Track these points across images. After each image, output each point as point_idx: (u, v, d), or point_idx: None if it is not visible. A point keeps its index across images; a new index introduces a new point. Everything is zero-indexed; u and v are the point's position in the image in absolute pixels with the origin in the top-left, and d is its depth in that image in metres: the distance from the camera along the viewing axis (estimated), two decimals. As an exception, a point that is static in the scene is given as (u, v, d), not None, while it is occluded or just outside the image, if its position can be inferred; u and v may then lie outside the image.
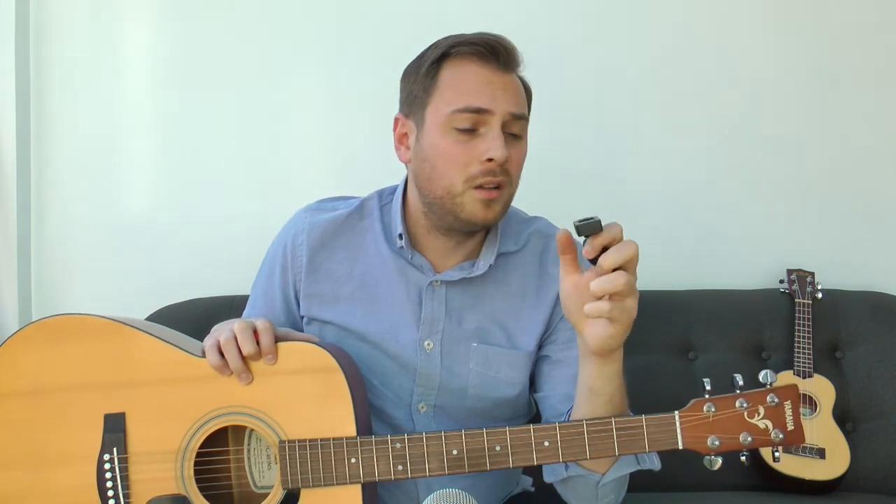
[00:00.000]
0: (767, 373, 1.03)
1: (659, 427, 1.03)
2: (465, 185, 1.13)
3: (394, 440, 1.06)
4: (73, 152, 1.96)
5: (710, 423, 1.02)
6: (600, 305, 0.97)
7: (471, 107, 1.12)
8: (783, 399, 1.02)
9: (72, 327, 1.13)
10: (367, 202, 1.29)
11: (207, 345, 1.09)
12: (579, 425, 1.03)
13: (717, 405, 1.02)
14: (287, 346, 1.10)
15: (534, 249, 1.27)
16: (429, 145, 1.15)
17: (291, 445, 1.07)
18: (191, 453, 1.10)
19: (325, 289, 1.25)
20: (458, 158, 1.13)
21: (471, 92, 1.13)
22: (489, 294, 1.24)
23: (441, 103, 1.14)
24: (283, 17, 1.95)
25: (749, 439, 1.02)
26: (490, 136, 1.12)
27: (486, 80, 1.13)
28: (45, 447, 1.11)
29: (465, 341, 1.22)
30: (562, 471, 1.14)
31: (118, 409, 1.10)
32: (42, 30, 1.95)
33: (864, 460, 1.72)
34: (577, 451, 1.03)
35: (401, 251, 1.23)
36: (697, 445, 1.02)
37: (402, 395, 1.23)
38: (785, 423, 1.02)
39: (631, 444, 1.03)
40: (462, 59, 1.14)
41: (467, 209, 1.14)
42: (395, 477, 1.06)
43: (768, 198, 1.98)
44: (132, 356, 1.11)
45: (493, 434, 1.05)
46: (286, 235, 1.29)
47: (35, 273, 1.97)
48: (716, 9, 1.96)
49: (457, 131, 1.13)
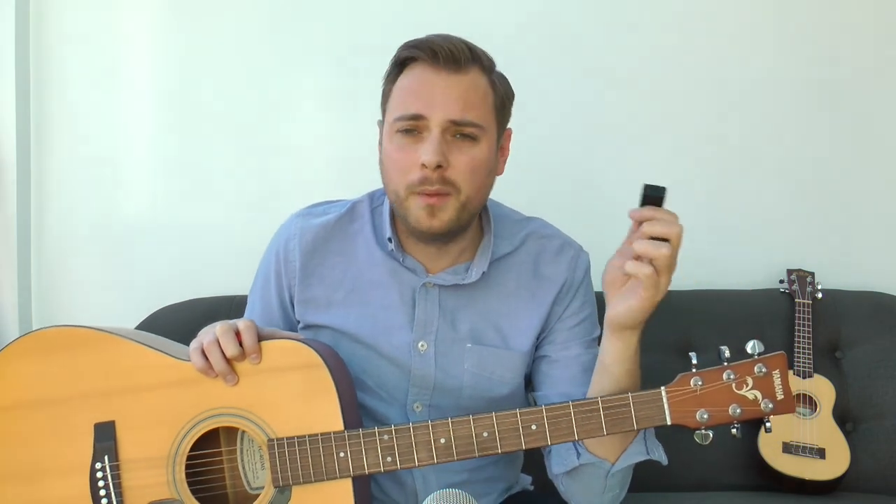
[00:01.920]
0: (755, 343, 1.03)
1: (646, 404, 1.03)
2: (407, 191, 1.14)
3: (381, 432, 1.07)
4: (73, 152, 1.96)
5: (698, 396, 1.02)
6: (642, 266, 1.01)
7: (406, 114, 1.13)
8: (771, 368, 1.02)
9: (59, 339, 1.14)
10: (358, 205, 1.29)
11: (192, 348, 1.10)
12: (565, 407, 1.04)
13: (704, 378, 1.02)
14: (270, 344, 1.10)
15: (529, 251, 1.27)
16: (383, 152, 1.19)
17: (280, 443, 1.08)
18: (181, 457, 1.10)
19: (318, 293, 1.26)
20: (400, 164, 1.14)
21: (409, 98, 1.13)
22: (483, 295, 1.24)
23: (390, 110, 1.16)
24: (284, 18, 1.95)
25: (738, 411, 1.01)
26: (425, 141, 1.12)
27: (425, 84, 1.13)
28: (39, 460, 1.11)
29: (460, 342, 1.23)
30: (574, 459, 1.14)
31: (108, 417, 1.11)
32: (42, 30, 1.95)
33: (864, 460, 1.72)
34: (565, 433, 1.04)
35: (392, 253, 1.23)
36: (686, 420, 1.02)
37: (398, 395, 1.23)
38: (774, 393, 1.01)
39: (619, 422, 1.03)
40: (414, 64, 1.15)
41: (412, 215, 1.15)
42: (385, 469, 1.06)
43: (768, 198, 1.98)
44: (120, 364, 1.12)
45: (480, 420, 1.05)
46: (278, 241, 1.29)
47: (35, 273, 1.97)
48: (716, 9, 1.96)
49: (400, 136, 1.14)
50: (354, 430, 1.07)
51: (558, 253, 1.27)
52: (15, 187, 1.92)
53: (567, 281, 1.26)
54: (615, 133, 1.97)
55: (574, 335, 1.25)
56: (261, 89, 1.96)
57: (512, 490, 1.36)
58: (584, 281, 1.28)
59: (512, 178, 1.26)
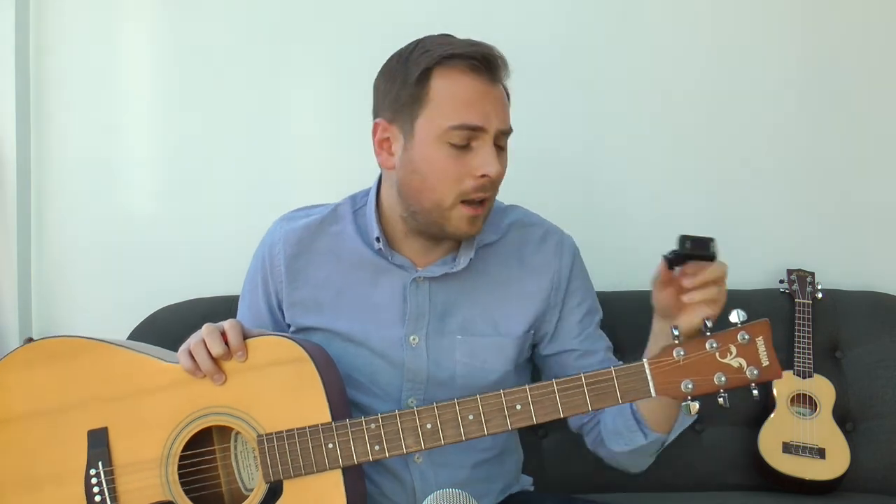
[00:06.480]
0: (737, 311, 1.02)
1: (629, 377, 1.03)
2: (455, 200, 1.15)
3: (368, 421, 1.08)
4: (73, 153, 1.96)
5: (682, 366, 1.02)
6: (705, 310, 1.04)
7: (467, 124, 1.12)
8: (754, 336, 1.01)
9: (49, 350, 1.16)
10: (340, 207, 1.31)
11: (179, 351, 1.12)
12: (549, 385, 1.05)
13: (687, 349, 1.02)
14: (255, 341, 1.12)
15: (513, 239, 1.29)
16: (420, 158, 1.15)
17: (269, 438, 1.09)
18: (173, 458, 1.11)
19: (306, 295, 1.27)
20: (452, 174, 1.14)
21: (466, 108, 1.13)
22: (472, 285, 1.25)
23: (437, 117, 1.13)
24: (283, 19, 1.95)
25: (724, 379, 1.01)
26: (483, 151, 1.13)
27: (480, 95, 1.13)
28: (35, 470, 1.13)
29: (450, 334, 1.24)
30: (640, 440, 1.18)
31: (100, 424, 1.13)
32: (42, 30, 1.95)
33: (864, 460, 1.72)
34: (550, 411, 1.05)
35: (380, 252, 1.24)
36: (671, 391, 1.02)
37: (391, 391, 1.24)
38: (759, 360, 1.01)
39: (603, 397, 1.03)
40: (454, 71, 1.13)
41: (453, 223, 1.16)
42: (374, 457, 1.08)
43: (768, 198, 1.97)
44: (110, 371, 1.14)
45: (465, 404, 1.06)
46: (264, 248, 1.31)
47: (35, 273, 1.97)
48: (717, 9, 1.96)
49: (450, 146, 1.13)
50: (342, 421, 1.08)
51: (542, 241, 1.30)
52: (15, 187, 1.91)
53: (557, 269, 1.28)
54: (615, 133, 1.97)
55: (586, 323, 1.29)
56: (261, 90, 1.96)
57: (512, 489, 1.36)
58: (574, 266, 1.30)
59: (513, 178, 1.26)
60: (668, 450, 1.22)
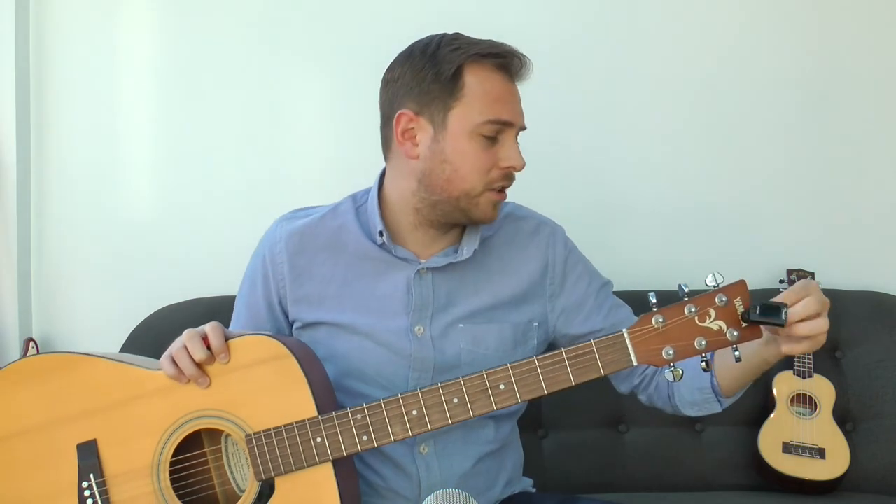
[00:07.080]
0: (714, 274, 1.02)
1: (610, 348, 1.04)
2: (484, 188, 1.21)
3: (354, 412, 1.09)
4: (73, 153, 1.96)
5: (661, 333, 1.02)
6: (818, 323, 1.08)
7: (500, 119, 1.19)
8: (732, 297, 1.01)
9: (30, 369, 1.15)
10: (341, 205, 1.32)
11: (162, 358, 1.13)
12: (531, 363, 1.06)
13: (666, 315, 1.02)
14: (237, 342, 1.12)
15: (507, 232, 1.32)
16: (452, 149, 1.19)
17: (258, 437, 1.09)
18: (164, 464, 1.12)
19: (310, 291, 1.28)
20: (483, 164, 1.20)
21: (498, 104, 1.19)
22: (471, 275, 1.28)
23: (471, 111, 1.18)
24: (284, 19, 1.95)
25: (704, 343, 1.01)
26: (508, 145, 1.21)
27: (508, 92, 1.21)
28: (27, 489, 1.13)
29: (454, 323, 1.26)
30: (717, 408, 1.24)
31: (89, 436, 1.13)
32: (42, 32, 1.95)
33: (864, 460, 1.72)
34: (534, 388, 1.06)
35: (384, 246, 1.26)
36: (652, 358, 1.02)
37: (397, 381, 1.25)
38: (738, 321, 1.01)
39: (585, 371, 1.04)
40: (485, 69, 1.19)
41: (481, 209, 1.22)
42: (362, 448, 1.08)
43: (768, 198, 1.97)
44: (94, 383, 1.14)
45: (449, 387, 1.07)
46: (264, 247, 1.32)
47: (35, 274, 1.97)
48: (722, 11, 1.96)
49: (482, 138, 1.19)
50: (328, 414, 1.09)
51: (535, 232, 1.33)
52: (15, 187, 1.92)
53: (551, 257, 1.32)
54: (616, 133, 1.97)
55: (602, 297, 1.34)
56: (262, 90, 1.96)
57: (513, 486, 1.36)
58: (567, 251, 1.34)
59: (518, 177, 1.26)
60: (668, 450, 1.22)
